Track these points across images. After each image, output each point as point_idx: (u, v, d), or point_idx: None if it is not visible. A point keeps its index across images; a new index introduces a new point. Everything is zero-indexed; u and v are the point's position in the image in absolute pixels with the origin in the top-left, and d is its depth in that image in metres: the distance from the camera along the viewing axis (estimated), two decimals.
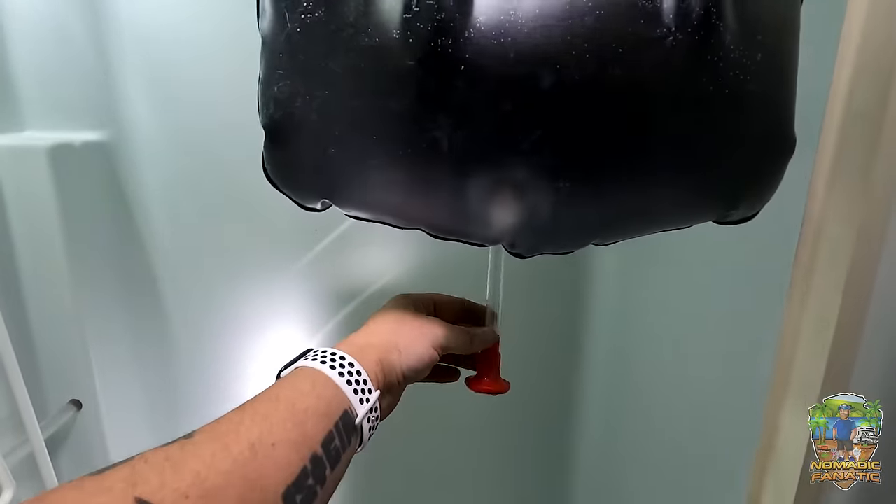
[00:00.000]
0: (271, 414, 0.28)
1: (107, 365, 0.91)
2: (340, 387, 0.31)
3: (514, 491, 1.19)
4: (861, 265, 0.34)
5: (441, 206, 0.32)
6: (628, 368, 0.95)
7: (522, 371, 1.06)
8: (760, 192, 0.33)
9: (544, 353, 1.08)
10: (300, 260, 1.01)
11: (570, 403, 1.12)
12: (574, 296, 1.05)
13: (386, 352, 0.36)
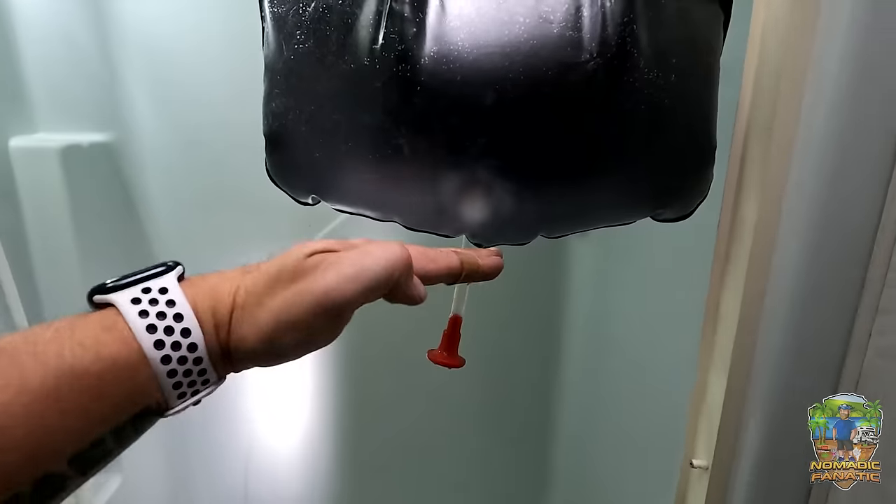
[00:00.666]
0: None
1: None
2: (153, 368, 0.23)
3: (498, 466, 1.26)
4: (758, 258, 0.40)
5: (407, 202, 0.38)
6: (602, 349, 1.02)
7: (507, 356, 1.14)
8: (688, 195, 0.40)
9: (527, 340, 1.15)
10: None
11: (551, 384, 1.19)
12: (555, 290, 1.12)
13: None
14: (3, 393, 0.20)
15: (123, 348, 0.23)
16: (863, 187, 0.37)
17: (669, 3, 0.33)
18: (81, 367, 0.22)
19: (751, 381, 0.44)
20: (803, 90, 0.36)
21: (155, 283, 0.25)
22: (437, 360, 0.49)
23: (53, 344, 0.22)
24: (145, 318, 0.23)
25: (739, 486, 0.47)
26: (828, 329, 0.40)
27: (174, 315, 0.24)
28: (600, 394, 1.03)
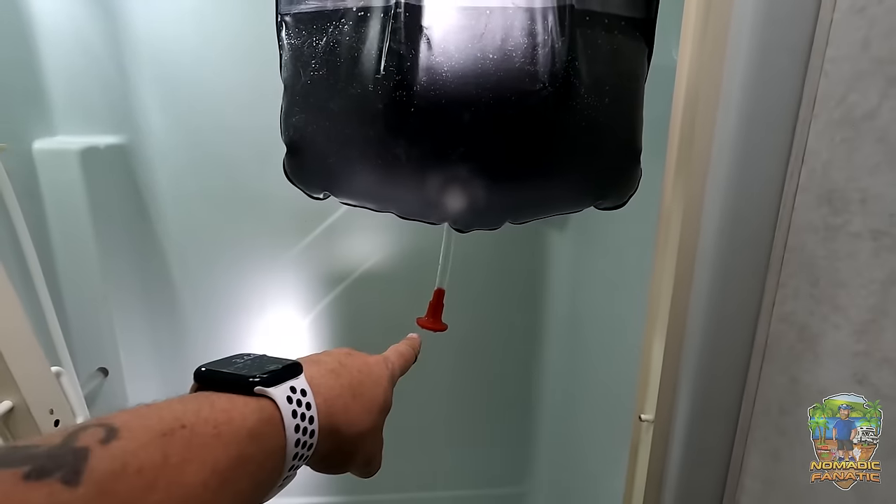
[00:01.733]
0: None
1: (128, 337, 1.04)
2: (287, 453, 0.27)
3: (485, 438, 1.35)
4: (686, 244, 0.50)
5: (402, 197, 0.47)
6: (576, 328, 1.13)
7: (493, 336, 1.23)
8: (621, 189, 0.49)
9: (511, 322, 1.25)
10: (294, 248, 1.16)
11: (533, 360, 1.29)
12: (535, 277, 1.22)
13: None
14: (201, 471, 0.22)
15: (279, 442, 0.26)
16: (763, 188, 0.46)
17: (603, 43, 0.42)
18: (248, 454, 0.24)
19: (683, 345, 0.53)
20: (716, 109, 0.46)
21: (297, 384, 0.28)
22: (425, 325, 0.58)
23: (227, 427, 0.24)
24: (295, 418, 0.27)
25: (677, 436, 0.56)
26: (742, 300, 0.50)
27: (309, 417, 0.28)
28: (575, 366, 1.14)
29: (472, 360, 1.29)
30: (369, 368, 0.35)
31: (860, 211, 0.38)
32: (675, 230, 0.51)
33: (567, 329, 1.20)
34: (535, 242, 1.22)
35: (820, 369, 0.43)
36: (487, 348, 1.28)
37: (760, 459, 0.51)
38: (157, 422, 0.22)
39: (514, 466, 1.41)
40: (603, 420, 1.01)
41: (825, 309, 0.42)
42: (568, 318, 1.19)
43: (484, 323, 1.26)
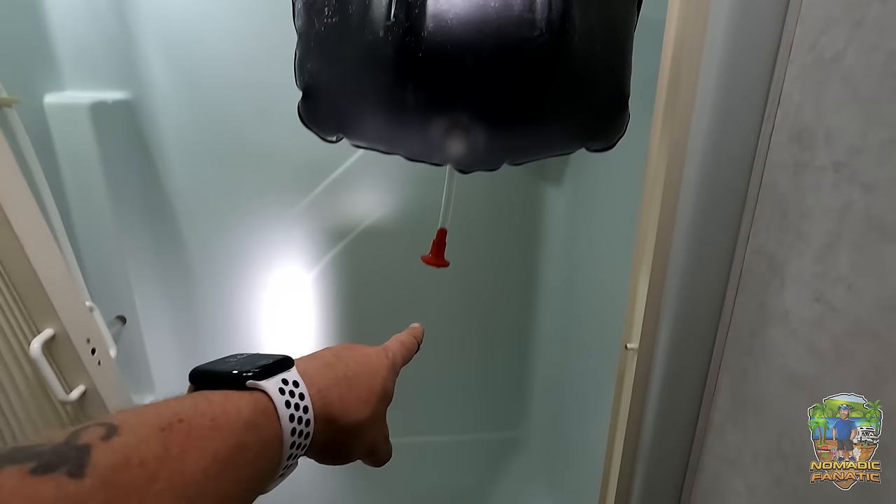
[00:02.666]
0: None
1: (142, 288, 1.09)
2: (284, 445, 0.28)
3: (481, 380, 1.43)
4: (671, 184, 0.54)
5: (409, 138, 0.51)
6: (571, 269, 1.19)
7: (490, 282, 1.29)
8: (609, 132, 0.53)
9: (509, 266, 1.31)
10: (299, 203, 1.20)
11: (530, 302, 1.35)
12: (533, 228, 1.27)
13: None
14: (201, 460, 0.23)
15: (275, 431, 0.27)
16: (741, 131, 0.50)
17: None
18: (245, 443, 0.25)
19: (666, 278, 0.58)
20: (700, 58, 0.49)
21: (289, 376, 0.30)
22: (428, 261, 0.63)
23: (223, 419, 0.25)
24: (289, 408, 0.28)
25: (659, 361, 0.62)
26: (720, 236, 0.54)
27: (303, 407, 0.29)
28: (569, 309, 1.20)
29: (468, 307, 1.35)
30: (367, 359, 0.37)
31: (825, 146, 0.42)
32: (660, 175, 0.56)
33: (561, 276, 1.25)
34: (533, 195, 1.26)
35: (785, 292, 0.48)
36: (483, 296, 1.34)
37: (730, 379, 0.57)
38: (156, 418, 0.23)
39: (509, 411, 1.50)
40: (593, 356, 1.08)
41: (791, 238, 0.47)
42: (562, 266, 1.24)
43: (481, 272, 1.32)
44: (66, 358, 0.58)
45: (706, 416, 0.62)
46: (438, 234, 0.64)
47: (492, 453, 1.53)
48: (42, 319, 0.56)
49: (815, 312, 0.44)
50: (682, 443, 0.65)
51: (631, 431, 0.68)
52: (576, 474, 1.20)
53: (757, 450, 0.52)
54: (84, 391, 0.59)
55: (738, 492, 0.56)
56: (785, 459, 0.48)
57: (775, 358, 0.49)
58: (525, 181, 1.25)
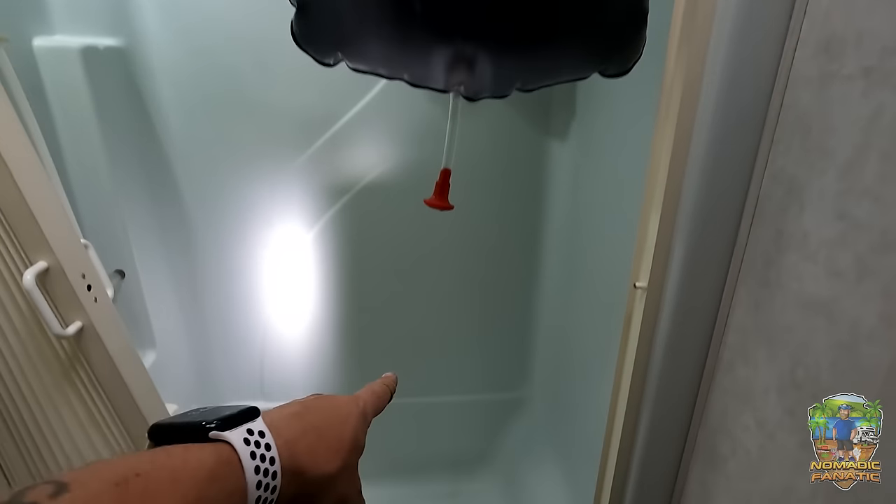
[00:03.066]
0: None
1: (140, 241, 1.08)
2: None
3: (485, 340, 1.43)
4: (686, 108, 0.52)
5: (413, 58, 0.48)
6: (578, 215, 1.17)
7: (494, 234, 1.27)
8: (626, 53, 0.50)
9: (512, 225, 1.29)
10: (299, 157, 1.17)
11: (534, 260, 1.34)
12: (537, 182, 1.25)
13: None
14: None
15: (239, 483, 0.27)
16: (763, 48, 0.48)
17: None
18: (207, 497, 0.25)
19: (678, 210, 0.56)
20: None
21: (254, 426, 0.29)
22: (432, 203, 0.61)
23: (184, 472, 0.24)
24: (254, 459, 0.27)
25: (668, 301, 0.61)
26: (736, 163, 0.52)
27: (270, 458, 0.28)
28: (575, 256, 1.19)
29: (470, 263, 1.33)
30: (337, 409, 0.35)
31: (855, 52, 0.40)
32: (675, 100, 0.53)
33: (565, 229, 1.23)
34: (537, 149, 1.23)
35: (804, 215, 0.46)
36: (486, 252, 1.32)
37: (743, 312, 0.56)
38: (110, 473, 0.22)
39: (511, 371, 1.50)
40: (599, 306, 1.07)
41: (813, 157, 0.45)
42: (566, 219, 1.22)
43: (483, 228, 1.30)
44: (61, 292, 0.56)
45: (715, 354, 0.61)
46: (442, 174, 0.61)
47: (494, 414, 1.54)
48: (34, 251, 0.54)
49: (836, 231, 0.42)
50: (689, 383, 0.64)
51: (637, 374, 0.67)
52: (579, 431, 1.20)
53: (768, 382, 0.51)
54: (81, 327, 0.58)
55: (746, 427, 0.55)
56: (798, 388, 0.47)
57: (792, 285, 0.48)
58: (529, 134, 1.22)
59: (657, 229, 0.58)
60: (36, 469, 0.62)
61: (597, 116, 1.06)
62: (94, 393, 0.62)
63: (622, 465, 0.74)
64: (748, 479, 0.55)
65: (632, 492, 0.73)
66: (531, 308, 1.42)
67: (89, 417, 0.62)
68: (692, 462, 0.67)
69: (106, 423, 0.64)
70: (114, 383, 0.62)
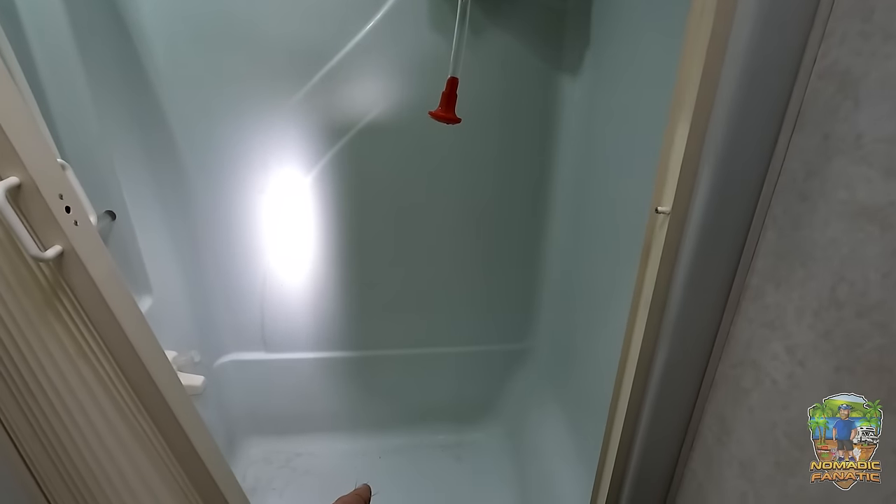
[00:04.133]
0: None
1: (131, 182, 1.03)
2: None
3: (491, 289, 1.40)
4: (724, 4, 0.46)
5: None
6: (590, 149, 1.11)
7: (501, 183, 1.22)
8: None
9: (518, 165, 1.24)
10: (295, 93, 1.10)
11: (542, 202, 1.29)
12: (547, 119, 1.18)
13: None
14: None
15: None
16: None
17: None
18: None
19: (709, 122, 0.51)
20: None
21: None
22: (437, 115, 0.56)
23: None
24: None
25: (693, 225, 0.56)
26: (778, 62, 0.47)
27: None
28: (588, 189, 1.14)
29: (475, 209, 1.28)
30: None
31: None
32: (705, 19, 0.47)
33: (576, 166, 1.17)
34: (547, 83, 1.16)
35: (858, 113, 0.41)
36: (491, 195, 1.27)
37: (776, 234, 0.51)
38: None
39: (518, 321, 1.47)
40: (611, 244, 1.02)
41: (875, 42, 0.39)
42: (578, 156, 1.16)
43: (489, 169, 1.24)
44: (37, 212, 0.52)
45: (742, 281, 0.56)
46: (448, 83, 0.56)
47: (498, 365, 1.52)
48: (5, 165, 0.49)
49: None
50: (712, 314, 0.60)
51: (655, 307, 0.63)
52: (586, 381, 1.18)
53: (803, 305, 0.47)
54: (61, 252, 0.54)
55: (774, 355, 0.51)
56: (839, 307, 0.43)
57: (838, 194, 0.43)
58: (541, 66, 1.14)
59: (685, 145, 0.53)
60: (24, 402, 0.59)
61: (614, 47, 0.99)
62: (80, 323, 0.58)
63: (634, 404, 0.71)
64: (775, 409, 0.51)
65: (644, 430, 0.71)
66: (539, 255, 1.37)
67: (77, 349, 0.59)
68: (710, 397, 0.64)
69: (96, 356, 0.60)
70: (100, 313, 0.59)
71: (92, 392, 0.61)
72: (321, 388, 1.46)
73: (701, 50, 0.49)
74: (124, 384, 0.63)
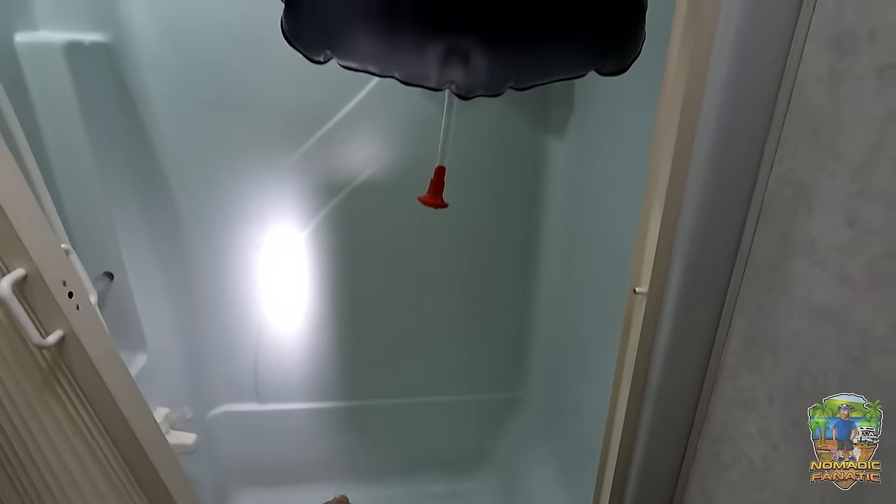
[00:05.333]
0: None
1: (130, 243, 1.05)
2: None
3: (482, 341, 1.41)
4: (689, 105, 0.50)
5: (405, 55, 0.46)
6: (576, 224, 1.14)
7: (491, 234, 1.25)
8: (624, 49, 0.48)
9: (509, 222, 1.27)
10: (291, 155, 1.14)
11: (531, 259, 1.32)
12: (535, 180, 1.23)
13: None
14: None
15: None
16: (771, 43, 0.46)
17: None
18: None
19: (680, 211, 0.54)
20: None
21: None
22: (426, 201, 0.59)
23: None
24: None
25: (669, 306, 0.59)
26: (741, 163, 0.50)
27: None
28: (574, 257, 1.17)
29: (466, 263, 1.31)
30: None
31: (868, 49, 0.38)
32: (678, 97, 0.51)
33: (564, 227, 1.21)
34: (534, 145, 1.21)
35: (812, 220, 0.44)
36: (482, 250, 1.30)
37: (747, 319, 0.54)
38: None
39: (508, 371, 1.48)
40: (597, 308, 1.05)
41: (822, 159, 0.43)
42: (565, 217, 1.20)
43: (479, 226, 1.28)
44: (41, 300, 0.54)
45: (717, 361, 0.59)
46: (436, 172, 0.59)
47: (491, 414, 1.52)
48: (12, 258, 0.52)
49: (846, 237, 0.40)
50: (690, 389, 0.62)
51: (637, 381, 0.66)
52: (578, 432, 1.19)
53: (773, 391, 0.50)
54: (62, 336, 0.56)
55: (749, 436, 0.53)
56: (804, 398, 0.45)
57: (798, 291, 0.46)
58: (526, 130, 1.20)
59: (658, 233, 0.56)
60: (20, 482, 0.60)
61: (596, 113, 1.04)
62: (77, 402, 0.60)
63: (621, 469, 0.72)
64: (752, 489, 0.53)
65: (631, 495, 0.72)
66: (529, 307, 1.40)
67: (73, 427, 0.60)
68: (693, 469, 0.65)
69: (90, 433, 0.62)
70: (97, 392, 0.60)
71: (87, 470, 0.62)
72: (313, 439, 1.46)
73: (670, 146, 0.53)
74: (119, 461, 0.64)
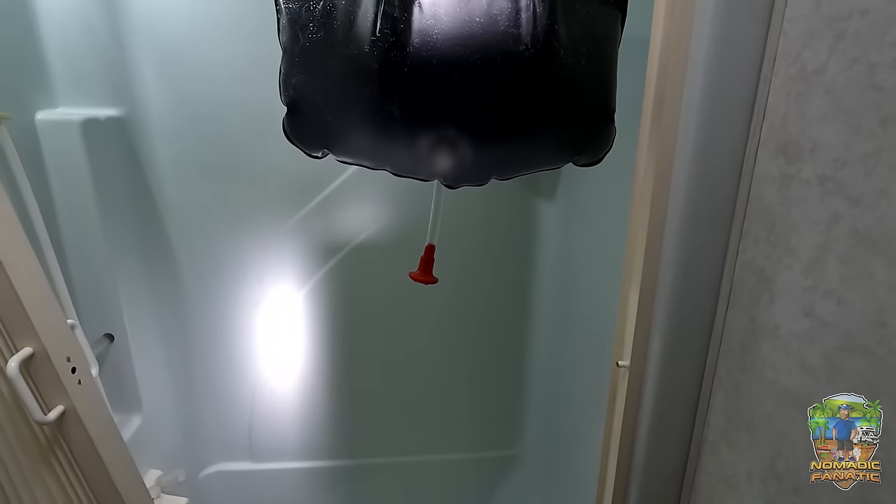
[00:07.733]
0: None
1: (132, 305, 1.08)
2: None
3: (477, 401, 1.41)
4: (658, 197, 0.54)
5: (396, 153, 0.51)
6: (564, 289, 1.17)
7: (483, 302, 1.27)
8: (596, 145, 0.53)
9: (502, 286, 1.30)
10: (291, 219, 1.19)
11: (525, 323, 1.34)
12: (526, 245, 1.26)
13: None
14: None
15: None
16: (728, 145, 0.50)
17: (581, 8, 0.46)
18: None
19: (655, 294, 0.58)
20: (685, 73, 0.49)
21: None
22: (416, 278, 0.62)
23: None
24: None
25: (650, 380, 0.61)
26: (709, 250, 0.54)
27: None
28: (565, 322, 1.19)
29: (462, 325, 1.34)
30: None
31: (810, 159, 0.42)
32: (647, 190, 0.55)
33: (555, 291, 1.24)
34: (525, 210, 1.26)
35: (774, 307, 0.47)
36: (477, 313, 1.33)
37: (724, 395, 0.56)
38: None
39: (504, 430, 1.47)
40: (588, 372, 1.06)
41: (779, 252, 0.46)
42: (556, 282, 1.23)
43: (474, 288, 1.31)
44: (45, 377, 0.56)
45: (700, 435, 0.60)
46: (426, 250, 0.63)
47: (486, 473, 1.50)
48: (20, 337, 0.54)
49: (805, 327, 0.43)
50: (676, 462, 0.63)
51: (624, 451, 0.67)
52: (571, 493, 1.18)
53: (751, 469, 0.51)
54: (63, 412, 0.57)
55: None
56: (779, 480, 0.47)
57: (767, 373, 0.48)
58: (518, 196, 1.25)
59: (636, 311, 0.59)
60: None
61: (582, 178, 1.09)
62: (72, 476, 0.61)
63: None
64: None
65: None
66: (522, 368, 1.41)
67: (66, 501, 0.61)
68: None
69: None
70: (93, 465, 0.61)
71: None
72: (307, 499, 1.43)
73: (642, 233, 0.57)
74: None
